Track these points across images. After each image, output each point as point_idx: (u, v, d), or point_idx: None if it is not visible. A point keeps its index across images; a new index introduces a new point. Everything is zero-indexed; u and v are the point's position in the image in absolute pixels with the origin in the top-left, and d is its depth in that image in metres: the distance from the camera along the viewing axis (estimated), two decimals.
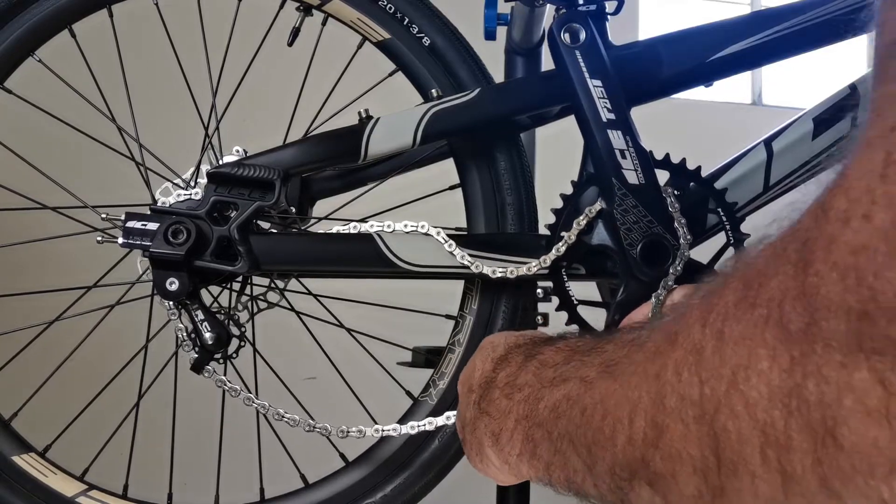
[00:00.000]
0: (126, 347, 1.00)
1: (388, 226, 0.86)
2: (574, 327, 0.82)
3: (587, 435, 0.41)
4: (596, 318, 0.85)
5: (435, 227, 0.86)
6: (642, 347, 0.40)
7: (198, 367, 0.86)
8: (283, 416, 0.87)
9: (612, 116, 0.83)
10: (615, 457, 0.39)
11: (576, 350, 0.49)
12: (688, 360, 0.34)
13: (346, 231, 0.86)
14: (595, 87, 0.83)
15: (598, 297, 0.91)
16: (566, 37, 0.84)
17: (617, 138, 0.83)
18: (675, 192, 0.84)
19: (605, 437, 0.40)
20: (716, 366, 0.32)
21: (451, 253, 0.84)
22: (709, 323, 0.33)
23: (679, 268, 0.81)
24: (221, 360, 0.89)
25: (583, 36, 0.84)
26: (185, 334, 0.86)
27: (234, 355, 0.91)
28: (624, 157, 0.83)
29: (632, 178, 0.82)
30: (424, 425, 0.85)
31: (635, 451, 0.37)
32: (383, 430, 0.86)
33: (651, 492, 0.37)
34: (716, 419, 0.32)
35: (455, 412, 0.71)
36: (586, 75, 0.84)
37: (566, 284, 0.85)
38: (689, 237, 0.82)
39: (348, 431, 0.87)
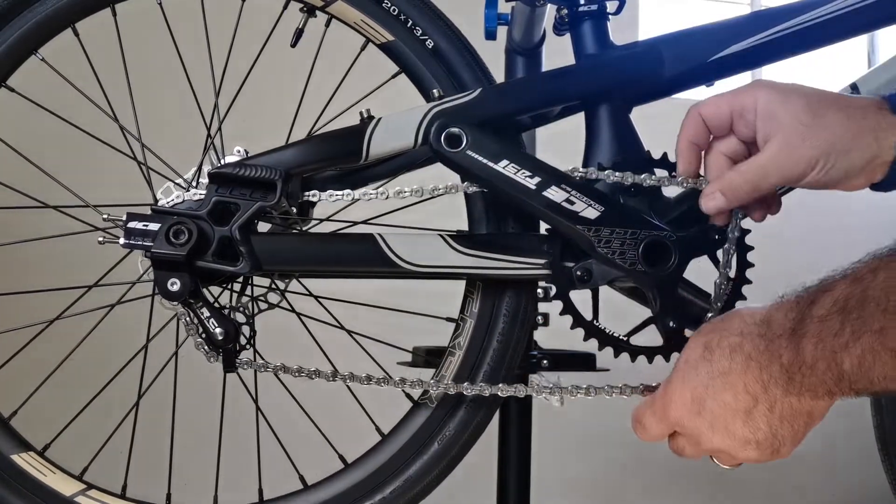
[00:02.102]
0: (126, 347, 1.00)
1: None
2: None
3: None
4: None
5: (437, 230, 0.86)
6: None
7: (230, 365, 0.86)
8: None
9: (537, 179, 0.82)
10: None
11: (845, 309, 0.56)
12: None
13: (348, 231, 0.86)
14: (505, 167, 0.82)
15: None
16: (449, 145, 0.82)
17: (555, 193, 0.82)
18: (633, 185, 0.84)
19: None
20: None
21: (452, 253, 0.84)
22: None
23: None
24: (243, 349, 0.89)
25: (465, 136, 0.82)
26: (200, 339, 0.86)
27: (251, 343, 0.92)
28: (572, 202, 0.82)
29: (590, 213, 0.82)
30: None
31: None
32: None
33: None
34: None
35: None
36: (491, 165, 0.82)
37: (609, 331, 0.84)
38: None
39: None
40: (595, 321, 0.84)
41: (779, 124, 0.72)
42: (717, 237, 0.83)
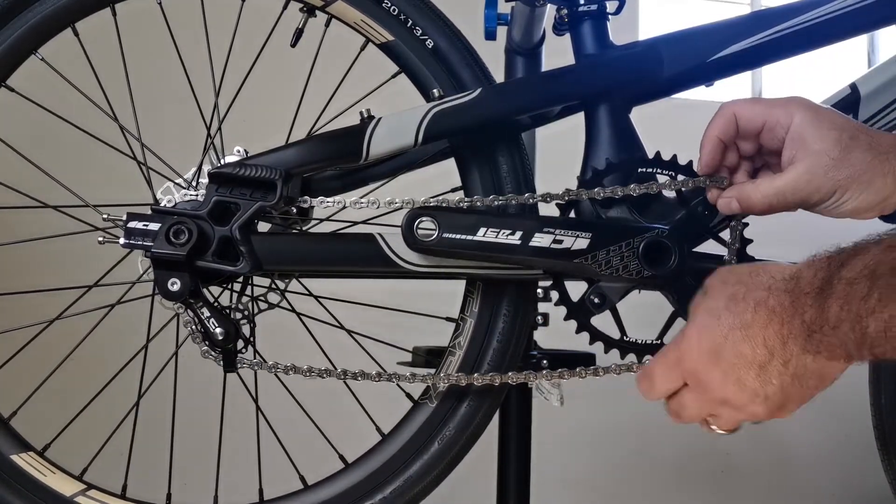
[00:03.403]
0: (126, 347, 1.00)
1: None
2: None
3: None
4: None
5: None
6: None
7: (230, 364, 0.86)
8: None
9: (519, 233, 0.82)
10: None
11: (875, 274, 0.57)
12: None
13: (348, 231, 0.86)
14: (485, 234, 0.82)
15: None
16: (425, 235, 0.82)
17: (541, 239, 0.82)
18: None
19: None
20: None
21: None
22: None
23: None
24: (243, 350, 0.90)
25: (437, 223, 0.82)
26: (200, 339, 0.86)
27: (251, 340, 0.92)
28: (560, 241, 0.82)
29: (581, 244, 0.82)
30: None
31: None
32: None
33: None
34: None
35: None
36: (471, 238, 0.82)
37: (641, 341, 0.85)
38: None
39: None
40: (625, 337, 0.85)
41: (806, 151, 0.73)
42: (709, 214, 0.83)
